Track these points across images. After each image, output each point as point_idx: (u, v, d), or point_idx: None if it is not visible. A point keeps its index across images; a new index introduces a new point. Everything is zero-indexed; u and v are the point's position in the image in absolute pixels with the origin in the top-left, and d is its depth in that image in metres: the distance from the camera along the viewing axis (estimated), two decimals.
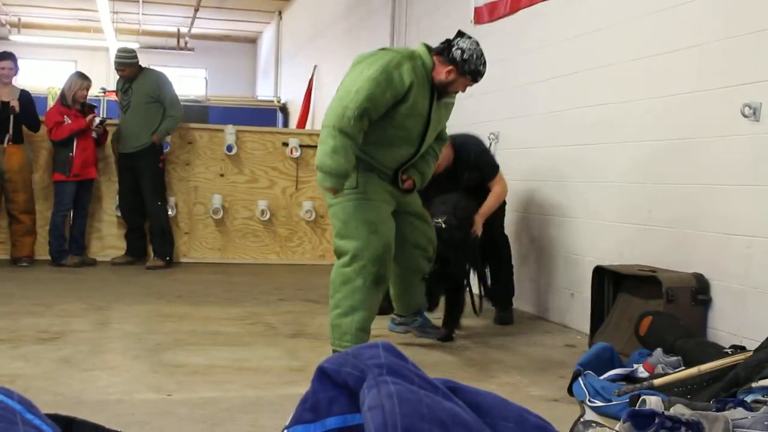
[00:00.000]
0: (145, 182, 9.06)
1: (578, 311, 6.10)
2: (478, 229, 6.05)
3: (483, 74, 4.92)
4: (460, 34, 4.92)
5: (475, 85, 5.12)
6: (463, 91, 5.02)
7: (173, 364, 4.65)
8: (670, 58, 5.28)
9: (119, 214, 9.46)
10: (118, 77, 9.38)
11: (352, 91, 4.55)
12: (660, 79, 5.38)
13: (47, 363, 4.56)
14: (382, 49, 4.96)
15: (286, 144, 9.93)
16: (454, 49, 4.80)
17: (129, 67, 9.10)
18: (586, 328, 5.68)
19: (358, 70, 4.66)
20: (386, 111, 4.66)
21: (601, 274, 5.43)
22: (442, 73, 4.81)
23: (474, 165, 6.20)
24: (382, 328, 5.45)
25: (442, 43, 4.87)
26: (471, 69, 4.83)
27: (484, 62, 4.88)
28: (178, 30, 22.29)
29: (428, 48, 4.87)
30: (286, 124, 18.19)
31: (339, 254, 4.79)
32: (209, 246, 9.86)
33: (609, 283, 5.44)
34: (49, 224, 8.96)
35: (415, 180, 5.06)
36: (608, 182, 5.91)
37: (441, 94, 4.89)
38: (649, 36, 5.51)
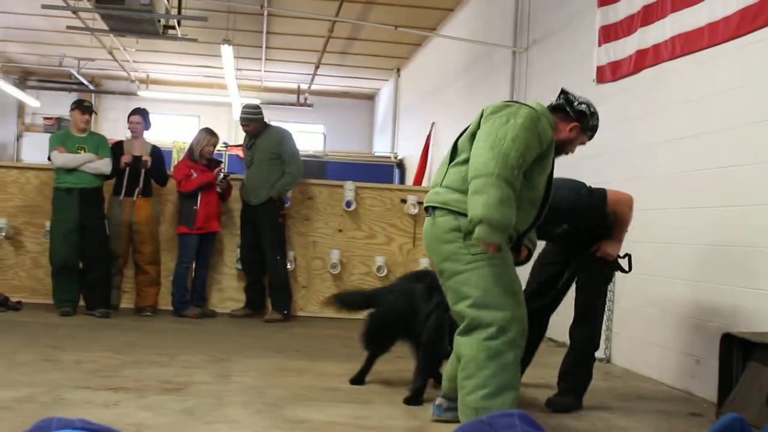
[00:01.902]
0: (265, 236, 9.22)
1: (704, 379, 5.90)
2: (610, 254, 5.39)
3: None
4: (566, 92, 4.70)
5: (596, 145, 4.91)
6: (573, 150, 4.75)
7: (294, 419, 4.68)
8: None
9: (240, 267, 9.64)
10: (245, 134, 9.60)
11: (508, 139, 4.16)
12: None
13: (171, 414, 4.64)
14: (507, 102, 4.51)
15: (404, 201, 9.99)
16: (576, 104, 4.60)
17: (253, 123, 9.32)
18: (712, 396, 5.49)
19: (500, 119, 4.27)
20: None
21: (729, 340, 5.26)
22: (564, 131, 4.59)
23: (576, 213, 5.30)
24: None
25: (558, 100, 4.67)
26: (594, 125, 4.67)
27: (599, 117, 4.72)
28: (299, 86, 22.76)
29: (550, 104, 4.66)
30: (402, 180, 18.29)
31: (477, 326, 4.25)
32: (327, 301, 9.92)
33: (738, 350, 5.26)
34: (173, 275, 9.20)
35: (529, 249, 4.72)
36: (734, 245, 5.74)
37: (557, 153, 4.60)
38: None
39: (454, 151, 4.55)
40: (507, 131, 4.19)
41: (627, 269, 5.58)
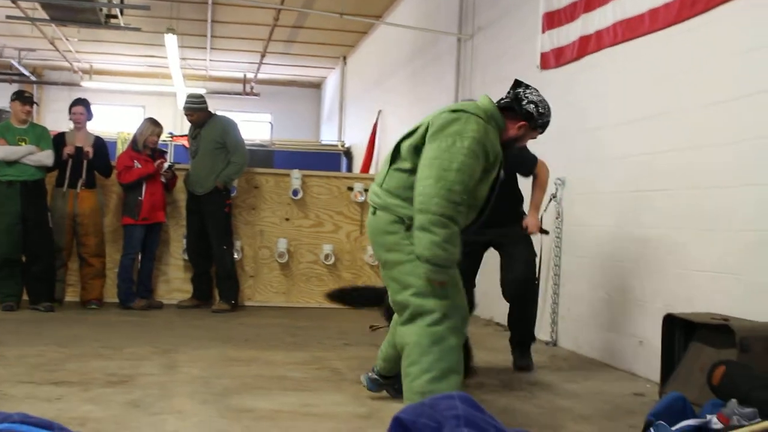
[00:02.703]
0: (211, 226, 9.17)
1: (647, 359, 5.99)
2: (534, 226, 6.04)
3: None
4: (519, 83, 4.64)
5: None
6: (523, 144, 4.79)
7: (241, 408, 4.66)
8: (741, 103, 5.22)
9: (186, 257, 9.58)
10: (190, 124, 9.52)
11: (453, 169, 4.13)
12: (730, 125, 5.31)
13: (116, 406, 4.60)
14: (454, 111, 4.34)
15: (351, 188, 9.99)
16: (524, 103, 4.51)
17: (197, 112, 9.25)
18: (654, 376, 5.58)
19: (446, 142, 4.19)
20: None
21: (671, 322, 5.34)
22: (513, 129, 4.52)
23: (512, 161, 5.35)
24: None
25: (507, 97, 4.58)
26: (544, 122, 4.60)
27: (550, 112, 4.65)
28: (245, 75, 22.64)
29: (498, 101, 4.56)
30: (350, 168, 18.30)
31: (420, 313, 4.29)
32: (274, 290, 9.92)
33: (680, 331, 5.34)
34: (118, 267, 9.11)
35: None
36: (678, 228, 5.83)
37: (504, 149, 4.53)
38: (720, 81, 5.45)
39: (396, 153, 4.51)
40: (452, 159, 4.14)
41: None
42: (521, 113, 4.50)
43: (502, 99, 4.59)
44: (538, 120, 4.54)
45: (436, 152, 4.19)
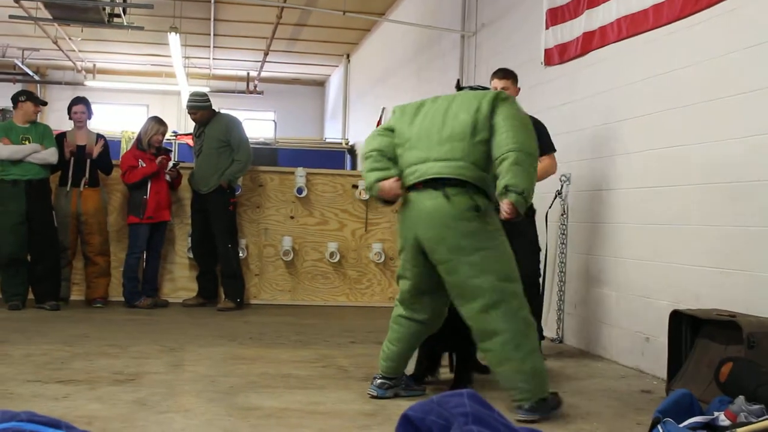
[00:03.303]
0: (216, 225, 9.17)
1: (653, 356, 5.98)
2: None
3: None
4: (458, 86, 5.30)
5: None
6: None
7: (247, 407, 4.66)
8: (745, 98, 5.20)
9: (191, 256, 9.59)
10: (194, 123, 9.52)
11: (530, 127, 4.68)
12: (736, 120, 5.30)
13: (123, 405, 4.60)
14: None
15: (355, 186, 9.99)
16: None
17: (201, 111, 9.24)
18: (661, 373, 5.57)
19: (512, 105, 4.70)
20: None
21: (678, 318, 5.33)
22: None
23: None
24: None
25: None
26: None
27: None
28: (248, 74, 22.65)
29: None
30: (354, 165, 18.29)
31: (503, 299, 4.56)
32: (279, 288, 9.93)
33: (686, 327, 5.33)
34: (123, 266, 9.12)
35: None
36: (684, 225, 5.82)
37: None
38: (723, 77, 5.44)
39: (473, 128, 4.67)
40: (525, 118, 4.71)
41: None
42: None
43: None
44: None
45: (515, 112, 4.67)
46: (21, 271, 8.60)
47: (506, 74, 6.75)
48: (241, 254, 9.54)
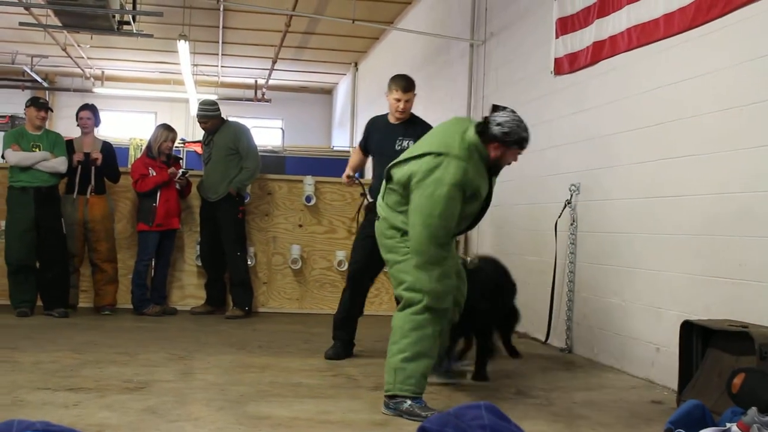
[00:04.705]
0: (225, 232, 9.17)
1: (664, 366, 5.96)
2: None
3: (528, 139, 4.96)
4: (496, 108, 5.02)
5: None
6: (516, 160, 5.08)
7: (257, 416, 4.66)
8: (757, 108, 5.19)
9: (200, 264, 9.59)
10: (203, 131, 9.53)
11: (436, 215, 4.77)
12: (746, 131, 5.28)
13: (133, 413, 4.60)
14: (438, 155, 4.86)
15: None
16: (492, 126, 4.86)
17: (211, 120, 9.25)
18: (672, 383, 5.55)
19: (427, 190, 4.79)
20: None
21: (689, 328, 5.31)
22: (492, 151, 4.92)
23: None
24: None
25: (481, 122, 4.96)
26: (515, 139, 4.89)
27: (525, 128, 4.94)
28: (256, 81, 22.69)
29: (476, 128, 4.93)
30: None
31: (409, 304, 4.94)
32: (287, 296, 9.92)
33: (697, 338, 5.31)
34: (132, 273, 9.13)
35: None
36: (694, 235, 5.80)
37: (496, 170, 5.08)
38: (735, 87, 5.43)
39: (389, 177, 5.13)
40: (434, 206, 4.78)
41: None
42: (491, 136, 4.88)
43: (479, 126, 4.96)
44: (506, 139, 4.88)
45: (420, 200, 4.84)
46: (29, 278, 8.61)
47: (410, 85, 6.91)
48: (249, 262, 9.54)
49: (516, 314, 6.73)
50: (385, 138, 6.90)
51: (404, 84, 6.84)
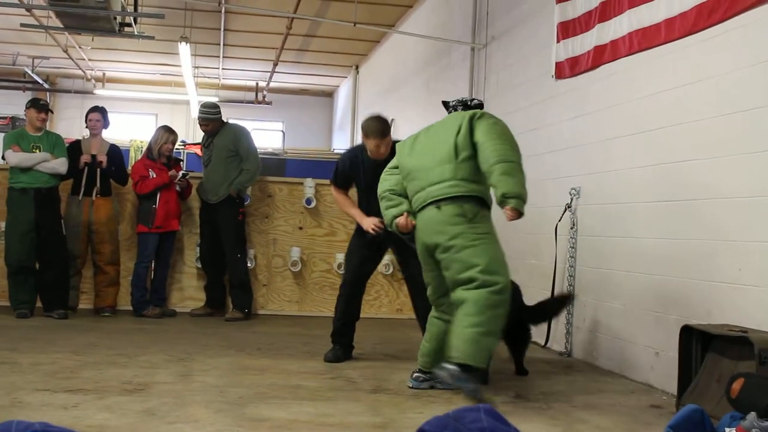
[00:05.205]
0: (225, 234, 9.17)
1: (663, 371, 5.96)
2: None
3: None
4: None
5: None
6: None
7: (256, 418, 4.65)
8: (758, 113, 5.19)
9: (199, 266, 9.59)
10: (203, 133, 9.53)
11: (508, 134, 5.34)
12: (747, 136, 5.28)
13: (132, 415, 4.59)
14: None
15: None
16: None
17: (212, 122, 9.25)
18: (671, 388, 5.55)
19: (489, 120, 5.39)
20: None
21: (688, 333, 5.30)
22: None
23: None
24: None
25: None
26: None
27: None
28: (257, 84, 22.70)
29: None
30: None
31: (485, 285, 5.15)
32: (287, 298, 9.92)
33: (697, 342, 5.31)
34: (132, 275, 9.12)
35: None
36: (694, 239, 5.80)
37: None
38: (735, 92, 5.43)
39: (455, 150, 5.39)
40: (501, 128, 5.35)
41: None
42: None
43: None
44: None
45: (488, 127, 5.32)
46: (29, 279, 8.61)
47: (386, 129, 6.95)
48: (249, 264, 9.54)
49: (528, 334, 6.61)
50: (375, 176, 6.48)
51: (381, 130, 6.75)
